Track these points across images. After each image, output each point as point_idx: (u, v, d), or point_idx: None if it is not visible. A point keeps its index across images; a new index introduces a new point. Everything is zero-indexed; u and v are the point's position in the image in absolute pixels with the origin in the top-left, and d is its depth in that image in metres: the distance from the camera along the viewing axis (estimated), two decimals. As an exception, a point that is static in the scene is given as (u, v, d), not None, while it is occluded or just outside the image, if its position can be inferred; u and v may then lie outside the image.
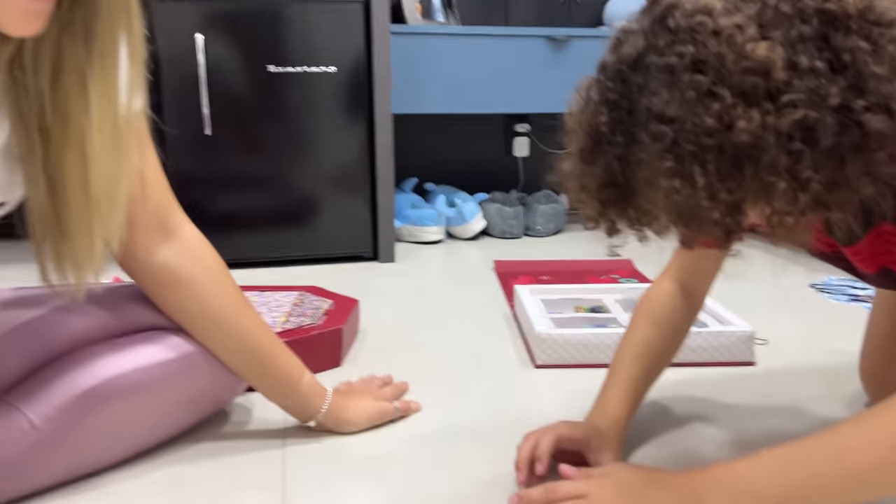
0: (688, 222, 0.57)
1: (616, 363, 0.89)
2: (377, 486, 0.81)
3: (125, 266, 0.84)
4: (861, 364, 1.01)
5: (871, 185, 0.55)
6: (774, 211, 0.55)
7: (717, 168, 0.53)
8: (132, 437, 0.84)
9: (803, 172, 0.53)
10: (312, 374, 0.91)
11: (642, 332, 0.89)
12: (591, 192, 0.61)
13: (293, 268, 1.87)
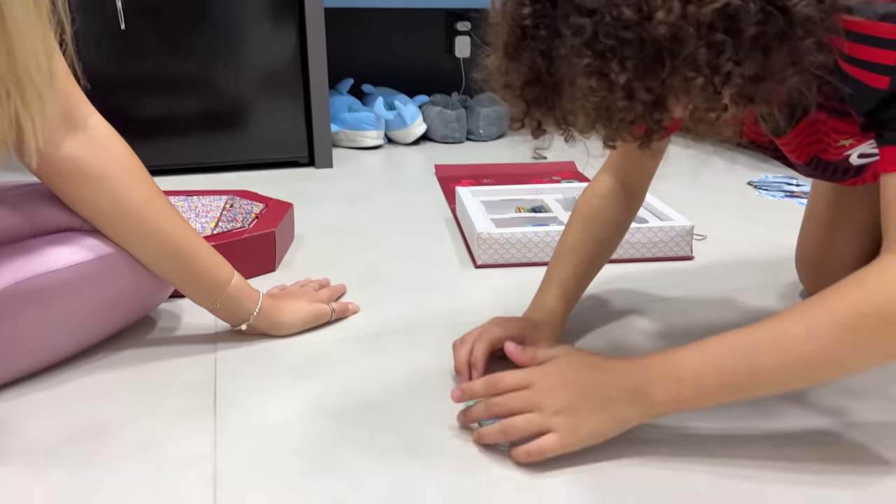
0: (606, 123, 0.55)
1: (555, 259, 0.88)
2: (313, 387, 0.79)
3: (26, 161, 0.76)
4: (797, 255, 1.02)
5: (797, 75, 0.53)
6: (696, 107, 0.53)
7: (635, 65, 0.51)
8: (49, 345, 0.79)
9: (725, 66, 0.51)
10: (242, 277, 0.87)
11: (581, 228, 0.88)
12: (515, 89, 0.58)
13: (225, 174, 1.78)
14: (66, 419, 0.73)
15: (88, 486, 0.62)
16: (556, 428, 0.62)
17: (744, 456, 0.65)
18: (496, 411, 0.65)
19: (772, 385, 0.61)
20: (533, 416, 0.63)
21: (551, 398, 0.64)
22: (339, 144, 2.11)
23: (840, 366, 0.60)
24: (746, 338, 0.61)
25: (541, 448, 0.62)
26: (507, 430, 0.64)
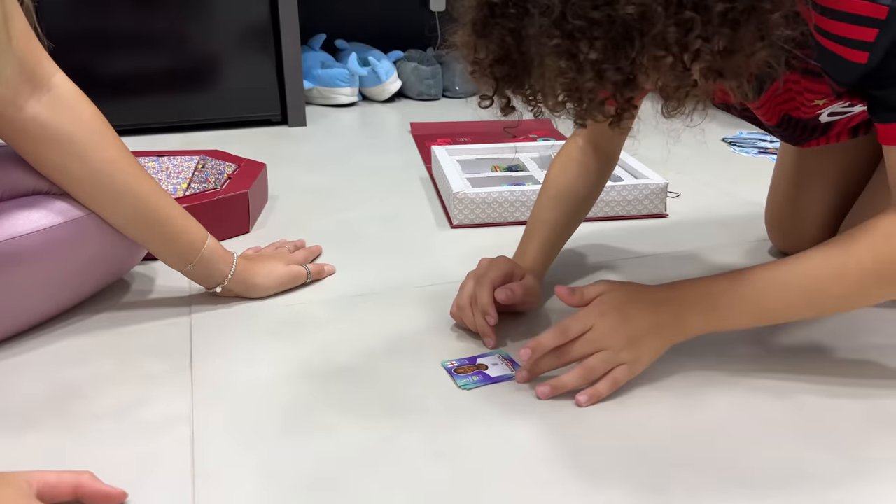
0: (576, 103, 0.55)
1: (533, 217, 0.89)
2: (290, 349, 0.79)
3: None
4: (766, 214, 1.04)
5: (766, 49, 0.54)
6: (666, 84, 0.54)
7: (604, 45, 0.51)
8: (20, 310, 0.79)
9: (694, 43, 0.51)
10: (215, 239, 0.86)
11: (557, 187, 0.89)
12: (484, 67, 0.57)
13: (196, 133, 1.75)
14: (42, 383, 0.72)
15: (66, 449, 0.63)
16: (624, 360, 0.68)
17: (721, 396, 0.67)
18: (568, 359, 0.69)
19: (795, 316, 0.71)
20: (603, 354, 0.68)
21: (614, 336, 0.68)
22: (313, 102, 2.08)
23: (859, 303, 0.70)
24: (778, 275, 0.67)
25: (616, 380, 0.68)
26: (586, 375, 0.68)
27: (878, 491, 0.57)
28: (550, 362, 0.69)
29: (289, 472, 0.60)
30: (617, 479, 0.58)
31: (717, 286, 0.69)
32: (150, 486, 0.58)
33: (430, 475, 0.59)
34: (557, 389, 0.68)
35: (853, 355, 0.76)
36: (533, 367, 0.70)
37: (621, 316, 0.69)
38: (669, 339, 0.69)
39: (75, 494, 0.55)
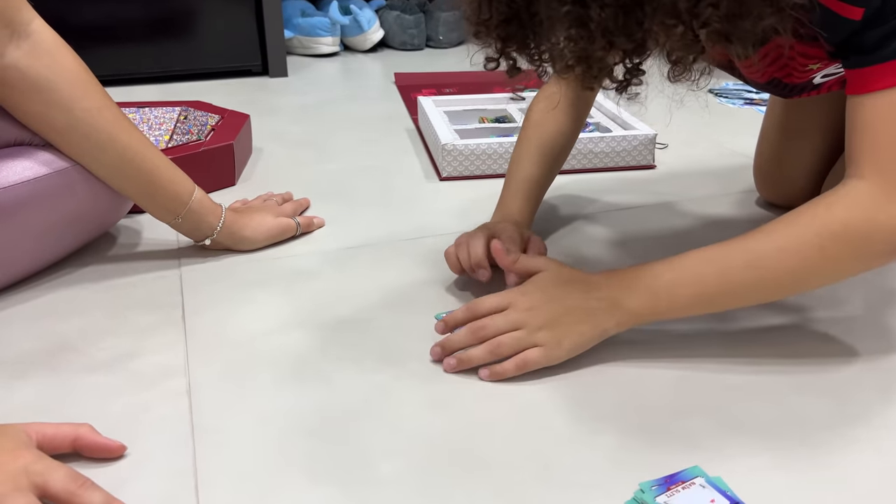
0: (586, 70, 0.54)
1: (514, 164, 0.88)
2: (282, 301, 0.79)
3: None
4: (755, 164, 1.04)
5: (773, 14, 0.53)
6: (674, 49, 0.54)
7: (615, 12, 0.50)
8: (4, 263, 0.77)
9: (704, 12, 0.50)
10: (203, 191, 0.85)
11: (540, 139, 0.88)
12: (490, 28, 0.57)
13: (175, 84, 1.71)
14: (33, 336, 0.72)
15: (61, 400, 0.62)
16: (540, 342, 0.64)
17: (711, 354, 0.69)
18: (481, 335, 0.65)
19: (741, 298, 0.66)
20: (518, 333, 0.64)
21: (534, 314, 0.65)
22: (293, 52, 2.03)
23: (804, 282, 0.64)
24: (719, 254, 0.64)
25: (525, 360, 0.64)
26: (495, 350, 0.64)
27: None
28: (461, 338, 0.66)
29: (287, 421, 0.60)
30: (611, 426, 0.59)
31: (656, 269, 0.65)
32: (148, 437, 0.58)
33: (428, 423, 0.60)
34: (463, 363, 0.65)
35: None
36: (445, 342, 0.67)
37: (545, 297, 0.66)
38: (599, 326, 0.65)
39: (74, 446, 0.55)
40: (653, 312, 0.65)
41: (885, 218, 0.60)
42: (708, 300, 0.65)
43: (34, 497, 0.48)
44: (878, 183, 0.60)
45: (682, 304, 0.65)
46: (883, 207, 0.60)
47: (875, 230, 0.60)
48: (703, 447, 0.57)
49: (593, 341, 0.66)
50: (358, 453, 0.57)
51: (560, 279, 0.68)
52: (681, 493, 0.50)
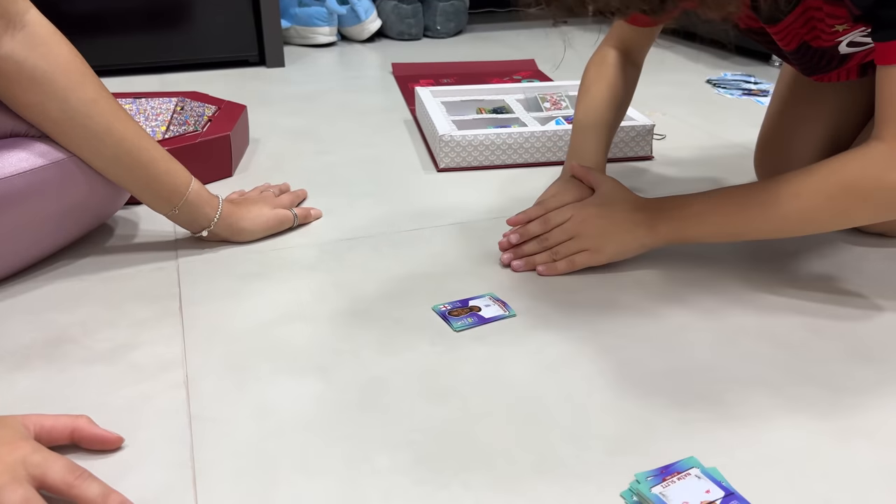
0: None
1: (581, 113, 0.92)
2: (279, 293, 0.79)
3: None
4: (756, 149, 1.04)
5: None
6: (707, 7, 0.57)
7: None
8: (1, 255, 0.77)
9: None
10: (200, 182, 0.85)
11: (600, 82, 0.93)
12: None
13: (171, 75, 1.71)
14: (31, 327, 0.72)
15: (60, 391, 0.63)
16: (587, 247, 0.79)
17: (706, 346, 0.69)
18: (546, 245, 0.80)
19: (757, 232, 0.75)
20: (572, 242, 0.79)
21: (585, 226, 0.79)
22: (290, 42, 2.02)
23: (814, 225, 0.73)
24: (742, 193, 0.74)
25: (573, 262, 0.79)
26: (553, 255, 0.80)
27: (859, 424, 0.59)
28: (532, 247, 0.81)
29: (285, 412, 0.60)
30: (607, 418, 0.60)
31: (689, 199, 0.77)
32: (146, 429, 0.58)
33: (425, 415, 0.60)
34: (529, 263, 0.81)
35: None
36: (517, 250, 0.82)
37: (598, 211, 0.79)
38: (639, 239, 0.78)
39: (72, 438, 0.55)
40: (682, 237, 0.77)
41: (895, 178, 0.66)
42: (728, 232, 0.75)
43: (32, 488, 0.48)
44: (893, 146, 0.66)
45: (706, 233, 0.76)
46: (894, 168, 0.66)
47: (883, 188, 0.67)
48: (699, 438, 0.57)
49: (632, 252, 0.79)
50: (356, 445, 0.57)
51: (614, 197, 0.80)
52: (676, 484, 0.51)
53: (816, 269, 0.83)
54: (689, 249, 0.86)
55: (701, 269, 0.82)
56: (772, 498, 0.51)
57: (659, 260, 0.83)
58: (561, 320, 0.73)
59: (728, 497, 0.50)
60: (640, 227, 0.78)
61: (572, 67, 1.12)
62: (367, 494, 0.52)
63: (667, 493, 0.50)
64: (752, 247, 0.87)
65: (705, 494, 0.50)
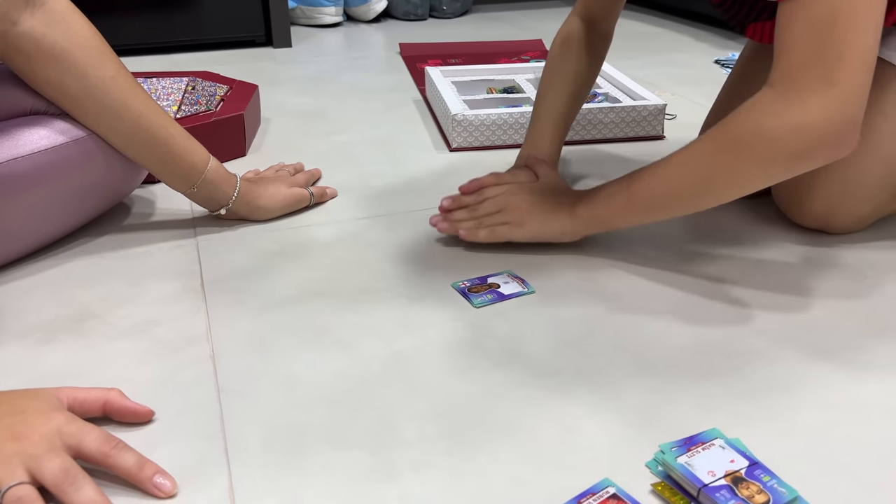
0: None
1: (540, 99, 0.92)
2: (299, 270, 0.79)
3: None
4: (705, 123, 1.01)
5: None
6: None
7: None
8: (23, 233, 0.78)
9: None
10: (217, 161, 0.85)
11: (563, 65, 0.92)
12: None
13: (179, 55, 1.70)
14: (57, 303, 0.72)
15: (88, 366, 0.63)
16: (510, 220, 0.80)
17: (722, 323, 0.70)
18: (473, 214, 0.81)
19: (666, 206, 0.73)
20: (499, 214, 0.80)
21: (514, 201, 0.80)
22: (296, 22, 2.02)
23: (710, 189, 0.68)
24: (649, 167, 0.72)
25: (493, 231, 0.80)
26: (479, 223, 0.81)
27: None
28: (461, 214, 0.82)
29: (311, 385, 0.61)
30: (629, 392, 0.61)
31: (607, 183, 0.77)
32: (175, 402, 0.59)
33: (449, 388, 0.61)
34: (453, 227, 0.81)
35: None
36: (447, 216, 0.83)
37: (529, 190, 0.81)
38: (559, 219, 0.79)
39: (103, 410, 0.56)
40: (596, 216, 0.77)
41: (778, 124, 0.61)
42: (638, 207, 0.74)
43: (69, 457, 0.49)
44: (779, 89, 0.61)
45: (617, 211, 0.75)
46: (777, 112, 0.61)
47: (766, 136, 0.62)
48: (720, 411, 0.58)
49: (552, 232, 0.80)
50: (382, 417, 0.58)
51: (549, 184, 0.82)
52: (701, 454, 0.52)
53: (834, 245, 0.83)
54: (705, 227, 0.86)
55: (714, 247, 0.83)
56: (793, 468, 0.52)
57: (674, 238, 0.84)
58: (579, 297, 0.73)
59: (752, 466, 0.51)
60: (562, 210, 0.79)
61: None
62: (396, 464, 0.53)
63: (692, 462, 0.51)
64: (765, 229, 0.87)
65: (730, 464, 0.51)
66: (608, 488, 0.50)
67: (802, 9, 0.59)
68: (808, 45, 0.59)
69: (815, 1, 0.59)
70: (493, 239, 0.80)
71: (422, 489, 0.51)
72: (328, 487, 0.51)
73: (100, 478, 0.51)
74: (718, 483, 0.49)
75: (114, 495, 0.49)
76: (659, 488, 0.50)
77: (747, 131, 0.63)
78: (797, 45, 0.60)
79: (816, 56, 0.59)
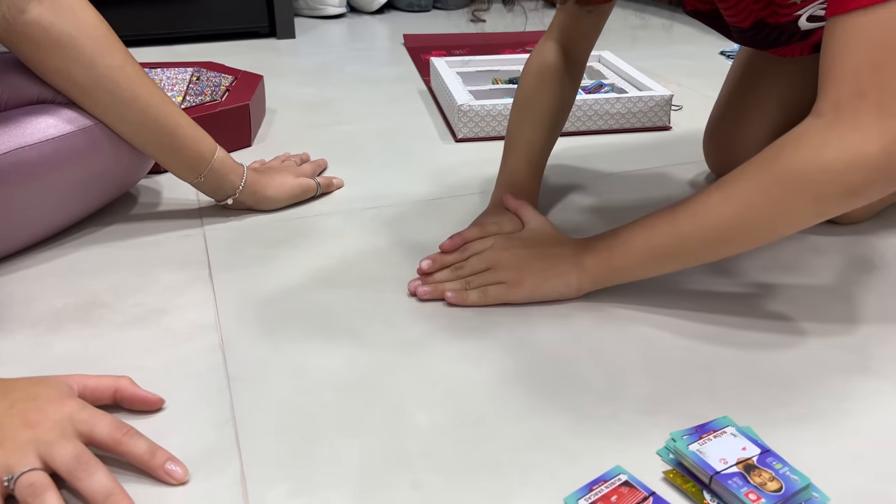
0: None
1: (515, 130, 0.85)
2: (307, 259, 0.79)
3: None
4: (706, 131, 0.98)
5: None
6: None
7: None
8: (30, 221, 0.77)
9: None
10: (224, 150, 0.85)
11: (540, 97, 0.85)
12: None
13: (181, 46, 1.70)
14: (66, 292, 0.72)
15: (96, 355, 0.63)
16: (504, 279, 0.70)
17: (731, 312, 0.70)
18: (459, 273, 0.71)
19: (695, 251, 0.64)
20: (489, 272, 0.71)
21: (507, 257, 0.71)
22: (300, 13, 2.01)
23: (755, 230, 0.61)
24: (671, 208, 0.64)
25: (486, 292, 0.70)
26: (464, 285, 0.71)
27: (887, 385, 0.60)
28: (444, 275, 0.72)
29: (321, 372, 0.61)
30: (640, 380, 0.61)
31: (617, 229, 0.68)
32: (185, 390, 0.59)
33: (460, 376, 0.61)
34: (437, 291, 0.71)
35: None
36: (429, 278, 0.72)
37: (522, 243, 0.72)
38: (563, 276, 0.69)
39: (114, 398, 0.56)
40: (610, 268, 0.68)
41: (833, 156, 0.55)
42: (661, 255, 0.65)
43: (81, 444, 0.49)
44: (832, 119, 0.55)
45: (636, 260, 0.66)
46: (833, 144, 0.55)
47: (821, 170, 0.56)
48: (730, 400, 0.58)
49: (555, 288, 0.69)
50: (393, 404, 0.58)
51: (542, 233, 0.73)
52: (713, 442, 0.52)
53: (842, 234, 0.83)
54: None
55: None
56: (805, 455, 0.52)
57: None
58: (588, 286, 0.73)
59: (764, 454, 0.51)
60: (565, 262, 0.69)
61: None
62: (408, 450, 0.53)
63: (704, 450, 0.51)
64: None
65: (742, 451, 0.51)
66: (620, 475, 0.50)
67: (860, 32, 0.54)
68: (865, 72, 0.54)
69: (875, 24, 0.53)
70: (486, 301, 0.69)
71: (433, 476, 0.51)
72: (340, 474, 0.51)
73: (111, 465, 0.51)
74: (731, 470, 0.49)
75: (126, 482, 0.49)
76: (671, 476, 0.50)
77: (800, 165, 0.56)
78: (853, 72, 0.54)
79: (875, 85, 0.54)
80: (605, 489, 0.49)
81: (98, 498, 0.47)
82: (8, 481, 0.46)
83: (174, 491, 0.50)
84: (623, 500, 0.48)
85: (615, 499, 0.48)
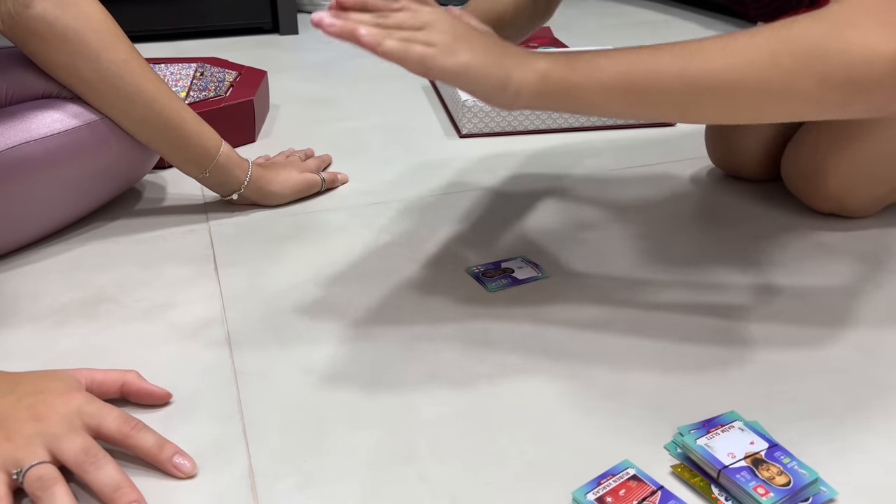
0: None
1: None
2: (312, 255, 0.79)
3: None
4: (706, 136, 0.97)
5: None
6: None
7: None
8: (35, 216, 0.77)
9: None
10: (229, 145, 0.85)
11: None
12: None
13: (184, 42, 1.69)
14: (71, 287, 0.72)
15: (102, 349, 0.63)
16: (434, 42, 0.53)
17: (736, 308, 0.70)
18: (384, 21, 0.54)
19: (668, 96, 0.55)
20: (420, 31, 0.54)
21: (446, 23, 0.55)
22: (302, 9, 2.00)
23: (742, 94, 0.54)
24: (659, 45, 0.56)
25: (407, 50, 0.52)
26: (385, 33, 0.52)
27: (894, 380, 0.60)
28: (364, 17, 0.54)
29: (328, 366, 0.61)
30: (646, 376, 0.61)
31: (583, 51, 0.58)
32: (192, 384, 0.59)
33: (466, 372, 0.61)
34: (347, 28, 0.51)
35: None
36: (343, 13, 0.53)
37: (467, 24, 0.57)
38: (505, 67, 0.55)
39: (121, 392, 0.56)
40: (564, 81, 0.55)
41: (854, 39, 0.51)
42: (629, 86, 0.55)
43: (89, 437, 0.49)
44: (856, 6, 0.52)
45: (598, 83, 0.55)
46: (857, 27, 0.51)
47: (838, 48, 0.51)
48: (737, 394, 0.58)
49: (489, 78, 0.55)
50: (401, 398, 0.58)
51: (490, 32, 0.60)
52: (720, 436, 0.52)
53: (848, 229, 0.83)
54: (717, 211, 0.86)
55: (732, 230, 0.83)
56: (812, 449, 0.52)
57: (688, 222, 0.84)
58: (594, 282, 0.73)
59: (772, 448, 0.51)
60: (513, 56, 0.55)
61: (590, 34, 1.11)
62: (416, 444, 0.53)
63: (712, 444, 0.51)
64: (776, 214, 0.87)
65: (749, 446, 0.51)
66: (628, 469, 0.50)
67: None
68: None
69: None
70: (405, 58, 0.52)
71: (440, 469, 0.51)
72: (347, 468, 0.51)
73: (119, 458, 0.51)
74: (739, 465, 0.49)
75: (134, 476, 0.49)
76: (678, 470, 0.50)
77: (817, 36, 0.52)
78: None
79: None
80: (614, 483, 0.49)
81: (107, 491, 0.47)
82: (17, 474, 0.47)
83: (182, 484, 0.50)
84: (631, 494, 0.48)
85: (623, 493, 0.48)
